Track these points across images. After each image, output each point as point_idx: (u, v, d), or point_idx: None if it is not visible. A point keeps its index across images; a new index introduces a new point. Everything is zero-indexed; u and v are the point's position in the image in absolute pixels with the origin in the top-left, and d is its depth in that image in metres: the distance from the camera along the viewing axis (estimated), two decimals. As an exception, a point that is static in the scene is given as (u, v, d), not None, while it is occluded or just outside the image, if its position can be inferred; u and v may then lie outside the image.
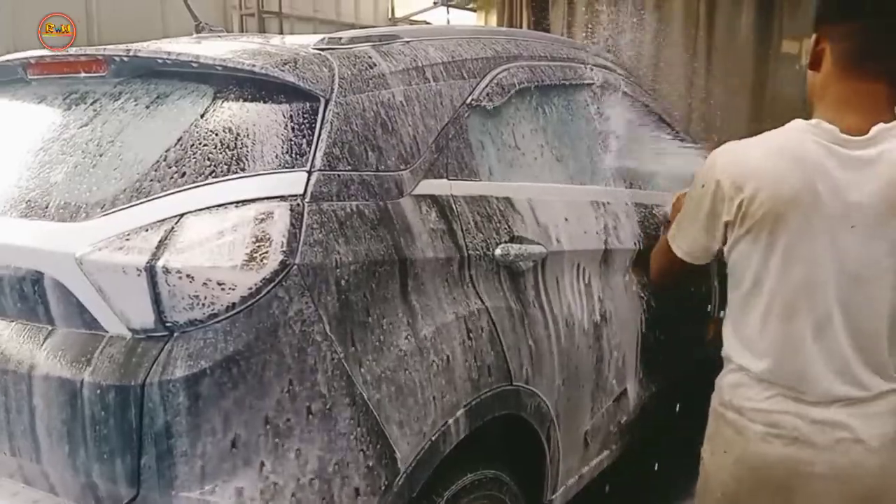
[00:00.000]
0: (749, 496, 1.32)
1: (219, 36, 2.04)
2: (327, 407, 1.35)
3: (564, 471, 2.08)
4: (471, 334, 1.64)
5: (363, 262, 1.44)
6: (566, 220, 2.06)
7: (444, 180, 1.72)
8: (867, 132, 1.24)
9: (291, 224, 1.35)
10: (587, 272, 2.13)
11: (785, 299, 1.26)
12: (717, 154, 1.35)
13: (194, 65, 1.54)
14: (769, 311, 1.28)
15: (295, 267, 1.32)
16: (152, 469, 1.26)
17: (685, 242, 1.42)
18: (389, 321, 1.48)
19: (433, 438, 1.51)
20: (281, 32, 7.63)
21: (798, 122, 1.29)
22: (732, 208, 1.28)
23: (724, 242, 1.36)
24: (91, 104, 1.62)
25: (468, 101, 1.85)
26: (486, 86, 1.92)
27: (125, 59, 1.61)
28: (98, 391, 1.28)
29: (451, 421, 1.55)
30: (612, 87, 2.56)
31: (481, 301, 1.70)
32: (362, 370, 1.41)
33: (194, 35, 2.09)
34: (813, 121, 1.27)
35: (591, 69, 2.49)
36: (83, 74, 1.67)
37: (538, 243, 1.91)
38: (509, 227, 1.84)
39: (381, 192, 1.53)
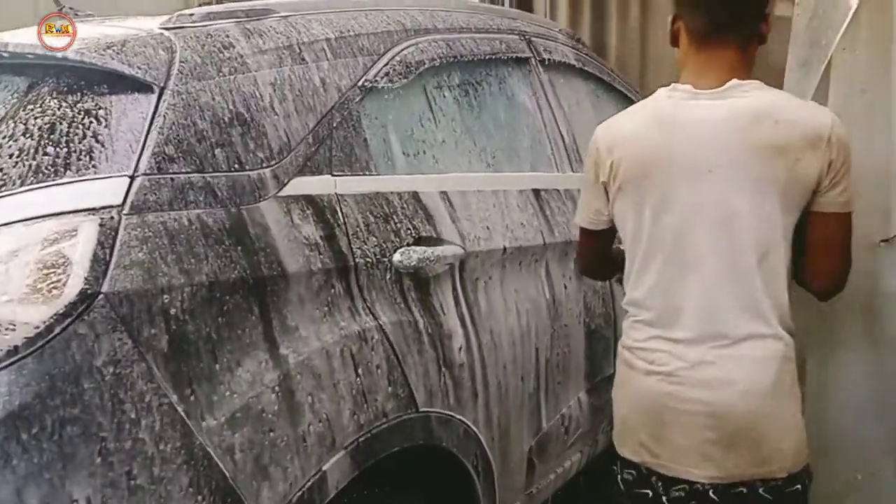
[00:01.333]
0: (638, 426, 1.38)
1: (83, 21, 1.77)
2: (156, 471, 1.10)
3: (505, 496, 1.83)
4: (356, 359, 1.39)
5: (205, 283, 1.19)
6: (493, 214, 1.81)
7: (327, 177, 1.46)
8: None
9: (100, 242, 1.10)
10: (521, 270, 1.87)
11: (659, 246, 1.35)
12: (598, 126, 1.46)
13: (5, 54, 1.29)
14: (647, 258, 1.36)
15: (101, 296, 1.08)
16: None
17: (584, 210, 1.51)
18: (242, 353, 1.23)
19: (305, 488, 1.26)
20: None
21: (660, 90, 1.39)
22: (606, 170, 1.40)
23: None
24: None
25: (361, 82, 1.59)
26: (386, 64, 1.66)
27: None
28: None
29: (326, 466, 1.30)
30: (557, 60, 2.29)
31: (373, 317, 1.45)
32: (205, 418, 1.16)
33: (55, 22, 1.82)
34: (671, 84, 1.37)
35: (530, 41, 2.22)
36: None
37: (454, 243, 1.66)
38: (414, 226, 1.58)
39: (233, 196, 1.28)
